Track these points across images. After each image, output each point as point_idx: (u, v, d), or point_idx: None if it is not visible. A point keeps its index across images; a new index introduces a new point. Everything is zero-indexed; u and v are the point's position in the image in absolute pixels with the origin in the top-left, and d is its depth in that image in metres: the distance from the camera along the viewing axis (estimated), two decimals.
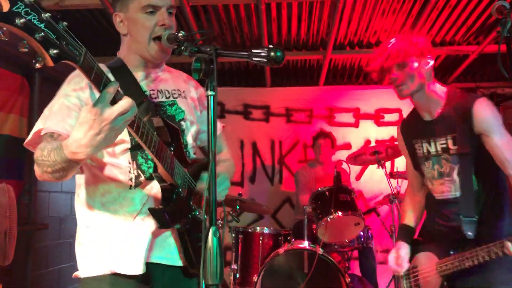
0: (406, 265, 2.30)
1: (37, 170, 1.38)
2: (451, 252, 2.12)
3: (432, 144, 2.22)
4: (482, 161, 2.09)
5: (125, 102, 1.16)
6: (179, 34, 1.44)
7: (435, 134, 2.20)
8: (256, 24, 4.26)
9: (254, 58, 1.24)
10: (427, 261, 2.26)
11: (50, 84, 3.83)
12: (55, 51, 1.03)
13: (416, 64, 2.13)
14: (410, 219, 2.42)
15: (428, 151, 2.25)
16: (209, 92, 1.26)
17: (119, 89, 1.19)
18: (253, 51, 1.24)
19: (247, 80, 5.70)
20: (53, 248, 4.07)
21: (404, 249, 2.32)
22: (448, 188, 2.19)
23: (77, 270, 1.66)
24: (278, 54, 1.22)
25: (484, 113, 2.05)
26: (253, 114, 5.63)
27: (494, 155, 2.04)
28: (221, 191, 1.72)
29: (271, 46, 1.23)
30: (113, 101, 1.16)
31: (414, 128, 2.34)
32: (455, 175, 2.16)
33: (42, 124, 1.47)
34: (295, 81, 5.76)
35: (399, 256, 2.31)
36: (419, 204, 2.44)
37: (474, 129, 2.05)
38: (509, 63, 1.66)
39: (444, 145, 2.17)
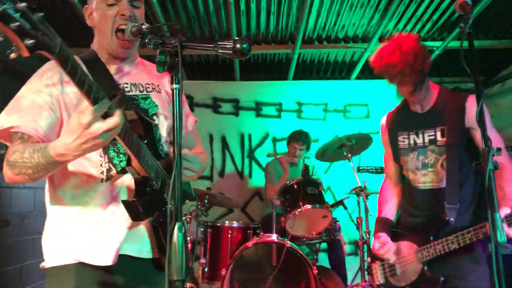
0: (393, 248, 2.35)
1: (9, 171, 1.40)
2: (431, 238, 2.20)
3: (420, 135, 2.32)
4: (467, 153, 2.21)
5: (114, 121, 1.21)
6: (143, 26, 1.42)
7: (425, 126, 2.30)
8: (225, 17, 4.23)
9: (219, 50, 1.23)
10: (406, 250, 2.32)
11: (11, 75, 3.70)
12: (30, 41, 1.03)
13: (426, 64, 2.20)
14: (389, 212, 2.49)
15: (415, 142, 2.34)
16: (174, 86, 1.24)
17: (111, 103, 1.23)
18: (218, 43, 1.23)
19: (216, 73, 5.67)
20: (15, 245, 3.94)
21: (384, 236, 2.38)
22: (430, 179, 2.29)
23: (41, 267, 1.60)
24: (244, 46, 1.21)
25: (476, 108, 2.12)
26: (222, 107, 5.62)
27: (480, 147, 2.08)
28: (196, 169, 1.69)
29: (236, 38, 1.22)
30: (105, 114, 1.21)
31: (401, 121, 2.43)
32: (439, 166, 2.26)
33: (10, 120, 1.45)
34: (264, 75, 5.76)
35: (384, 243, 2.36)
36: (397, 198, 2.53)
37: (465, 122, 2.18)
38: (471, 58, 1.71)
39: (432, 137, 2.27)
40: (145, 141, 1.55)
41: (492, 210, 1.54)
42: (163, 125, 1.74)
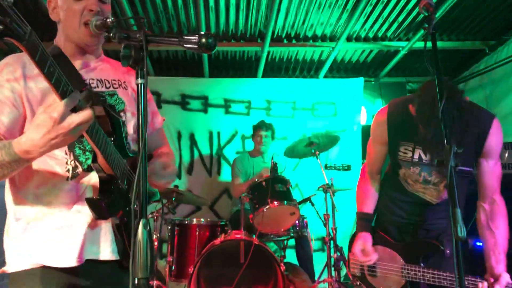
0: (374, 256, 2.28)
1: None
2: (422, 264, 2.15)
3: (428, 153, 2.12)
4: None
5: (86, 115, 1.21)
6: (108, 20, 1.39)
7: (436, 145, 2.07)
8: (193, 12, 4.19)
9: (185, 45, 1.21)
10: (391, 259, 2.27)
11: None
12: None
13: None
14: (370, 206, 2.40)
15: (420, 158, 2.15)
16: (139, 80, 1.21)
17: (80, 98, 1.22)
18: (184, 37, 1.21)
19: (185, 70, 5.61)
20: None
21: (369, 241, 2.30)
22: (429, 192, 2.19)
23: (3, 265, 1.54)
24: (210, 40, 1.20)
25: (498, 138, 2.05)
26: (191, 104, 5.57)
27: (482, 177, 2.06)
28: (166, 182, 1.77)
29: (202, 33, 1.20)
30: (74, 108, 1.20)
31: (407, 129, 2.16)
32: (442, 186, 2.15)
33: None
34: (233, 72, 5.75)
35: (366, 248, 2.29)
36: (376, 190, 2.44)
37: (482, 150, 2.03)
38: (434, 59, 1.75)
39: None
40: (112, 138, 1.51)
41: (453, 206, 1.57)
42: (130, 122, 1.72)
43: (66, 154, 1.53)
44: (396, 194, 2.32)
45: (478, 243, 3.86)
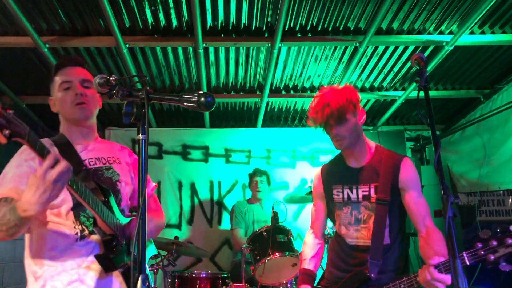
0: None
1: None
2: None
3: (354, 190, 2.32)
4: (396, 212, 2.26)
5: (62, 164, 1.44)
6: (111, 78, 1.44)
7: (359, 181, 2.31)
8: (195, 67, 4.32)
9: (184, 103, 1.27)
10: None
11: None
12: (7, 132, 1.29)
13: (353, 119, 2.25)
14: (312, 265, 2.49)
15: (349, 197, 2.33)
16: (140, 136, 1.26)
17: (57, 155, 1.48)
18: (184, 96, 1.27)
19: (186, 121, 5.72)
20: None
21: None
22: (362, 235, 2.29)
23: None
24: (208, 99, 1.26)
25: (410, 170, 2.27)
26: (192, 154, 5.62)
27: (410, 209, 2.23)
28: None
29: (201, 92, 1.27)
30: (53, 165, 1.44)
31: (336, 174, 2.43)
32: (371, 223, 2.26)
33: None
34: (234, 123, 5.85)
35: None
36: (320, 252, 2.54)
37: (398, 183, 2.23)
38: (428, 110, 1.80)
39: (366, 193, 2.28)
40: (107, 206, 1.79)
41: (453, 257, 1.56)
42: (125, 190, 2.01)
43: (73, 222, 1.82)
44: (339, 250, 2.40)
45: None
